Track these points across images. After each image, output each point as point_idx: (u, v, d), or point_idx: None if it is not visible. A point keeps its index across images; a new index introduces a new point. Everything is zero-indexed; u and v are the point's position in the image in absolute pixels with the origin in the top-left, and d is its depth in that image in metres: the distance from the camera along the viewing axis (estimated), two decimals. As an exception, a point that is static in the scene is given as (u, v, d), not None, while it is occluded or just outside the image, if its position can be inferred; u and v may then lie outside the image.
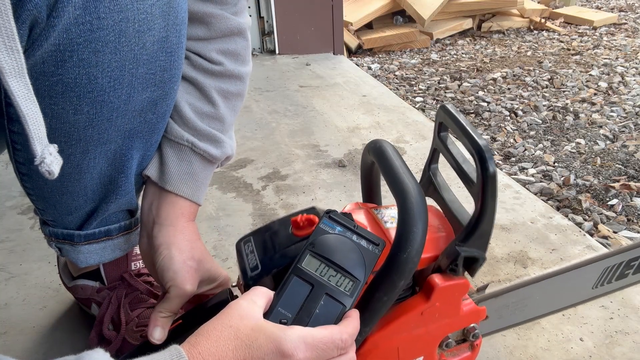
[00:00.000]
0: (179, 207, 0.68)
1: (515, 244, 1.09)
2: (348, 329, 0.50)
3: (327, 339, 0.47)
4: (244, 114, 1.85)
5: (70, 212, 0.68)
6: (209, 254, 0.70)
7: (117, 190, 0.66)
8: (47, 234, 0.72)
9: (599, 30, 3.31)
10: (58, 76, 0.51)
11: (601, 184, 1.52)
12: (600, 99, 2.19)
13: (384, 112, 1.86)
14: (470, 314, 0.63)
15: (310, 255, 0.54)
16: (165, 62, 0.58)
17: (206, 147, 0.67)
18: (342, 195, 1.30)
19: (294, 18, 2.48)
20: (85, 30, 0.49)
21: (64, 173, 0.61)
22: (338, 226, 0.56)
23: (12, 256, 1.09)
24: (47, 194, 0.65)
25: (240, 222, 1.21)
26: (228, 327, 0.46)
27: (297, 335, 0.46)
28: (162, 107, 0.62)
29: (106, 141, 0.60)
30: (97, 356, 0.40)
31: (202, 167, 0.68)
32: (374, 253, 0.54)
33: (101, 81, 0.53)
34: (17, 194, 1.33)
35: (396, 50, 3.10)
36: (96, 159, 0.61)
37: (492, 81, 2.49)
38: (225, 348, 0.44)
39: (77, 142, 0.58)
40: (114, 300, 0.79)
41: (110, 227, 0.71)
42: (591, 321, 0.88)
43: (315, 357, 0.46)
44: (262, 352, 0.44)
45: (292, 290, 0.52)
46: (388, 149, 0.62)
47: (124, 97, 0.56)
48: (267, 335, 0.45)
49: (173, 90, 0.62)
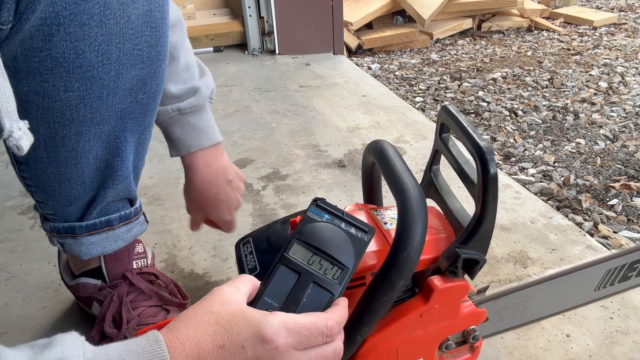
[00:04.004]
0: (211, 154, 0.80)
1: (515, 244, 1.09)
2: (334, 316, 0.48)
3: (310, 325, 0.46)
4: (244, 114, 1.85)
5: (70, 203, 0.68)
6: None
7: (114, 175, 0.67)
8: (48, 230, 0.73)
9: (599, 30, 3.31)
10: (47, 51, 0.52)
11: (601, 184, 1.52)
12: (600, 99, 2.19)
13: (384, 112, 1.86)
14: (470, 315, 0.63)
15: (297, 243, 0.52)
16: (150, 38, 0.59)
17: (190, 102, 0.76)
18: (342, 195, 1.30)
19: (294, 18, 2.48)
20: (71, 3, 0.51)
21: (61, 157, 0.62)
22: (326, 214, 0.54)
23: (12, 256, 1.09)
24: (46, 183, 0.66)
25: (240, 222, 1.20)
26: (209, 312, 0.44)
27: (279, 320, 0.45)
28: (151, 87, 0.63)
29: (99, 122, 0.61)
30: (70, 339, 0.40)
31: (199, 117, 0.78)
32: (363, 240, 0.53)
33: (89, 55, 0.54)
34: (17, 194, 1.33)
35: (396, 50, 3.09)
36: (91, 141, 0.62)
37: (492, 81, 2.49)
38: (204, 333, 0.43)
39: (70, 123, 0.59)
40: (115, 298, 0.79)
41: (111, 217, 0.72)
42: (591, 321, 0.88)
43: (297, 343, 0.45)
44: (242, 338, 0.43)
45: (278, 280, 0.50)
46: (389, 150, 0.62)
47: (113, 74, 0.57)
48: (247, 320, 0.44)
49: (161, 69, 0.63)
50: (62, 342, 0.39)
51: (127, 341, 0.41)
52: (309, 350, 0.46)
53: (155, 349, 0.40)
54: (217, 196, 0.83)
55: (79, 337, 0.40)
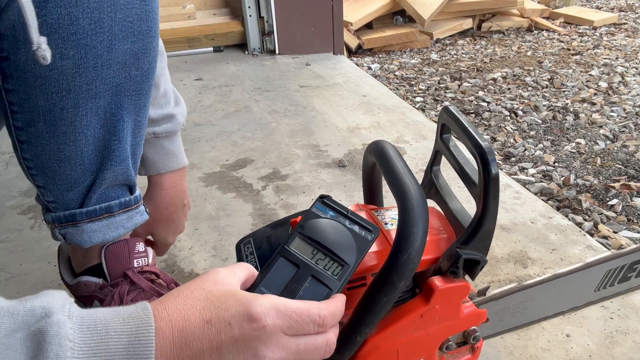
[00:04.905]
0: (177, 176, 0.87)
1: (515, 244, 1.09)
2: (329, 306, 0.47)
3: (302, 310, 0.45)
4: (244, 114, 1.85)
5: (70, 187, 0.70)
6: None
7: (112, 155, 0.69)
8: (50, 222, 0.74)
9: (599, 30, 3.31)
10: (42, 17, 0.54)
11: (601, 184, 1.52)
12: (600, 99, 2.19)
13: (384, 112, 1.85)
14: (470, 316, 0.63)
15: (299, 237, 0.52)
16: (140, 11, 0.61)
17: (165, 127, 0.82)
18: (342, 195, 1.30)
19: (294, 18, 2.48)
20: None
21: (60, 132, 0.64)
22: (331, 211, 0.54)
23: (12, 256, 1.09)
24: (46, 162, 0.67)
25: (240, 222, 1.20)
26: (200, 289, 0.44)
27: (269, 302, 0.44)
28: (144, 63, 0.65)
29: (95, 95, 0.62)
30: (58, 294, 0.40)
31: (171, 141, 0.84)
32: (367, 239, 0.52)
33: (82, 22, 0.57)
34: (17, 194, 1.32)
35: (396, 50, 3.09)
36: (88, 115, 0.64)
37: (492, 81, 2.49)
38: (193, 307, 0.43)
39: (67, 93, 0.61)
40: (116, 297, 0.80)
41: (111, 204, 0.73)
42: (591, 321, 0.88)
43: (286, 326, 0.44)
44: (229, 314, 0.42)
45: (276, 271, 0.49)
46: (389, 150, 0.62)
47: (106, 43, 0.59)
48: (237, 298, 0.44)
49: (152, 46, 0.66)
50: (50, 294, 0.40)
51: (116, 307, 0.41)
52: (299, 337, 0.45)
53: (141, 315, 0.40)
54: (170, 216, 0.89)
55: (68, 296, 0.40)
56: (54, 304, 0.38)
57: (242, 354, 0.43)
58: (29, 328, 0.36)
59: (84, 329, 0.38)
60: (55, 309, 0.38)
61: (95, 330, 0.38)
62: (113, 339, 0.38)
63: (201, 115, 1.85)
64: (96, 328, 0.38)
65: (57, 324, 0.37)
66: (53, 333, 0.36)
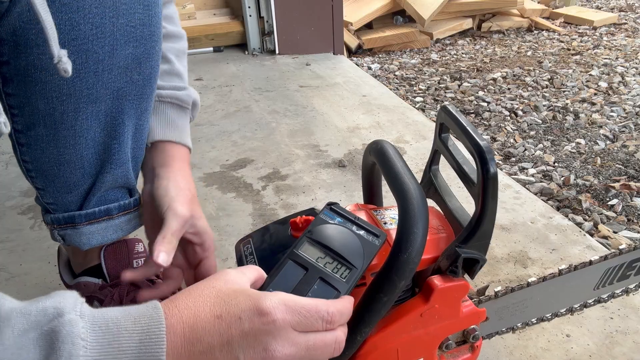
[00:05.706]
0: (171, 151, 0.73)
1: (515, 244, 1.09)
2: (337, 305, 0.47)
3: (310, 306, 0.45)
4: (244, 114, 1.85)
5: (70, 190, 0.69)
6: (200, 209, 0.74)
7: (112, 158, 0.68)
8: (49, 222, 0.74)
9: (599, 30, 3.31)
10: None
11: (601, 184, 1.52)
12: (600, 99, 2.19)
13: (384, 112, 1.86)
14: (470, 315, 0.63)
15: (307, 242, 0.52)
16: (143, 16, 0.61)
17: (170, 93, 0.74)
18: (342, 196, 1.30)
19: (294, 18, 2.48)
20: None
21: (60, 137, 0.64)
22: (338, 217, 0.55)
23: (12, 256, 1.09)
24: (46, 165, 0.67)
25: (240, 222, 1.20)
26: (211, 287, 0.45)
27: (279, 297, 0.44)
28: (146, 68, 0.65)
29: (95, 99, 0.62)
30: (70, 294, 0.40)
31: (177, 113, 0.75)
32: (374, 244, 0.53)
33: (84, 28, 0.56)
34: (17, 194, 1.33)
35: (396, 50, 3.09)
36: (88, 120, 0.63)
37: (492, 81, 2.49)
38: (203, 304, 0.43)
39: (68, 98, 0.60)
40: (116, 297, 0.80)
41: (110, 206, 0.73)
42: (591, 321, 0.88)
43: (295, 322, 0.44)
44: (239, 309, 0.43)
45: (285, 273, 0.50)
46: (389, 150, 0.62)
47: (107, 48, 0.59)
48: (247, 294, 0.44)
49: (155, 50, 0.65)
50: (62, 294, 0.40)
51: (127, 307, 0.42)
52: (309, 334, 0.45)
53: (152, 313, 0.41)
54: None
55: (79, 296, 0.41)
56: (65, 303, 0.39)
57: (252, 348, 0.43)
58: (42, 328, 0.37)
59: (95, 328, 0.38)
60: (67, 308, 0.38)
61: (107, 329, 0.39)
62: (125, 337, 0.39)
63: (201, 115, 1.85)
64: (108, 327, 0.39)
65: (70, 324, 0.37)
66: (66, 332, 0.37)
